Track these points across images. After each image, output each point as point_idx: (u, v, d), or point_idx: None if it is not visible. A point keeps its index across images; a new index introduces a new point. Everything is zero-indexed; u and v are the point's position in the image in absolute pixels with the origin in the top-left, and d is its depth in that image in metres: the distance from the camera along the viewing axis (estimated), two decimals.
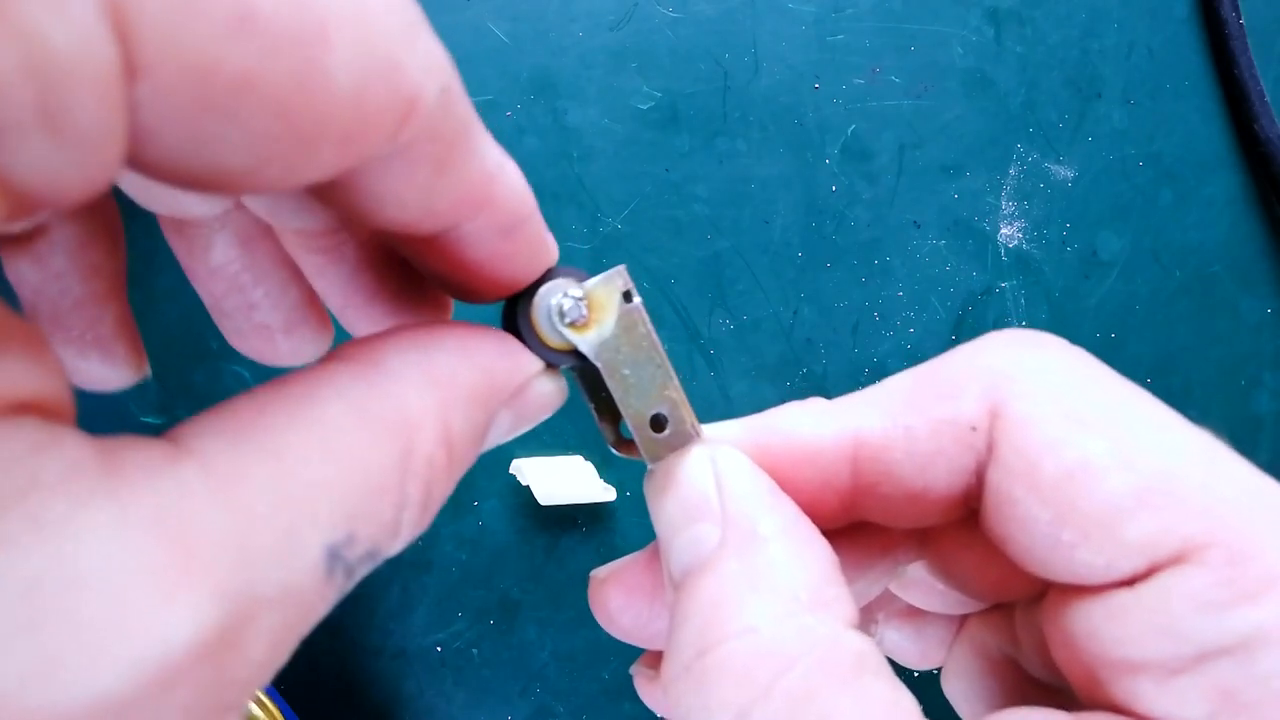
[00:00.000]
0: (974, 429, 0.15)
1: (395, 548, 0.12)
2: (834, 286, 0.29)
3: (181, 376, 0.27)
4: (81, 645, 0.08)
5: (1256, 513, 0.13)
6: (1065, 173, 0.30)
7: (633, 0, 0.28)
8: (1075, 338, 0.31)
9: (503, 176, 0.13)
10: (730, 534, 0.14)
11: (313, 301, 0.18)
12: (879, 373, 0.29)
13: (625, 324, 0.16)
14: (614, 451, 0.17)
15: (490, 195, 0.13)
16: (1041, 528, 0.14)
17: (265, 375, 0.27)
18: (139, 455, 0.09)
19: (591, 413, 0.17)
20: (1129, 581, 0.13)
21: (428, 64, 0.10)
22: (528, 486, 0.27)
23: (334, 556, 0.10)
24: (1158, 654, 0.13)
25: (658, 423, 0.16)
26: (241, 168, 0.09)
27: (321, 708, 0.27)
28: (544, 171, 0.28)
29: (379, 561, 0.12)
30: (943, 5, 0.30)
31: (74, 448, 0.08)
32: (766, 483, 0.15)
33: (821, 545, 0.15)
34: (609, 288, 0.16)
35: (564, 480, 0.27)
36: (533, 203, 0.14)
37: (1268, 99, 0.30)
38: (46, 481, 0.08)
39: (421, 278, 0.17)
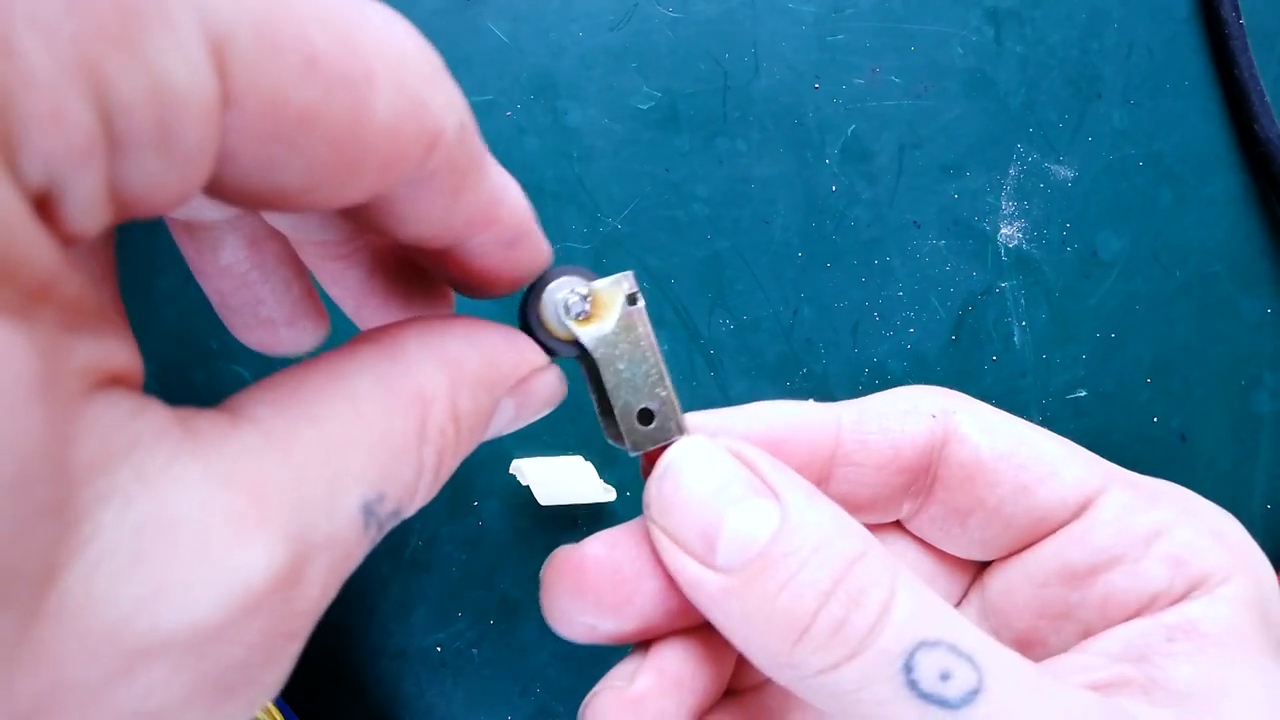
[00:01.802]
0: (934, 416, 0.20)
1: (412, 509, 0.13)
2: (834, 286, 0.29)
3: (182, 376, 0.27)
4: (182, 579, 0.09)
5: (1114, 466, 0.20)
6: (1065, 173, 0.30)
7: (633, 0, 0.28)
8: (1075, 338, 0.31)
9: (507, 197, 0.15)
10: (788, 508, 0.16)
11: (313, 295, 0.20)
12: (879, 372, 0.29)
13: (626, 324, 0.17)
14: (610, 443, 0.18)
15: (497, 214, 0.14)
16: (1004, 479, 0.19)
17: (265, 374, 0.27)
18: (208, 422, 0.10)
19: (594, 405, 0.18)
20: (1076, 514, 0.19)
21: (449, 103, 0.12)
22: (528, 486, 0.27)
23: (369, 511, 0.12)
24: (1120, 549, 0.18)
25: (645, 416, 0.18)
26: (297, 189, 0.11)
27: (322, 708, 0.27)
28: (544, 171, 0.28)
29: (399, 520, 0.13)
30: (943, 5, 0.30)
31: (159, 413, 0.10)
32: (777, 461, 0.18)
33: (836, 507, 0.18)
34: (615, 289, 0.17)
35: (564, 480, 0.27)
36: (532, 217, 0.15)
37: (1268, 99, 0.30)
38: (145, 441, 0.09)
39: (426, 276, 0.19)
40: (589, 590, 0.18)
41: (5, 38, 0.07)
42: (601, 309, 0.17)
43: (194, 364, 0.27)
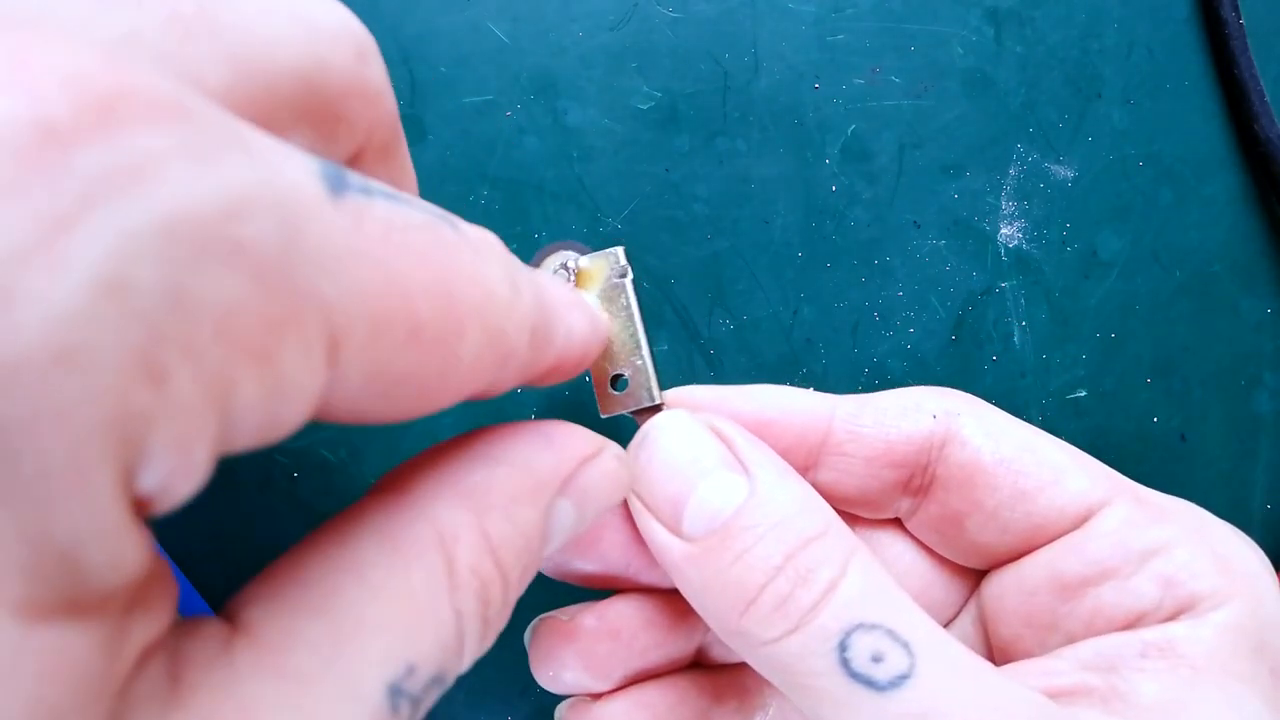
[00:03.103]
0: (935, 417, 0.20)
1: (463, 665, 0.12)
2: (834, 286, 0.29)
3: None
4: None
5: (1124, 479, 0.20)
6: (1065, 173, 0.30)
7: (632, 0, 0.28)
8: (1075, 338, 0.31)
9: (571, 345, 0.15)
10: (756, 484, 0.17)
11: None
12: (879, 372, 0.29)
13: (609, 294, 0.18)
14: (600, 415, 0.19)
15: (562, 366, 0.15)
16: (1004, 484, 0.19)
17: None
18: (200, 650, 0.10)
19: (590, 373, 0.20)
20: (1076, 525, 0.19)
21: (521, 320, 0.12)
22: None
23: (396, 693, 0.11)
24: (1114, 563, 0.18)
25: (618, 382, 0.19)
26: (379, 419, 0.11)
27: None
28: (544, 171, 0.28)
29: (448, 684, 0.12)
30: (943, 5, 0.30)
31: (157, 674, 0.09)
32: (755, 439, 0.18)
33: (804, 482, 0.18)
34: (602, 262, 0.18)
35: None
36: (593, 339, 0.16)
37: (1268, 99, 0.30)
38: (142, 703, 0.09)
39: None
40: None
41: (161, 371, 0.07)
42: (587, 280, 0.18)
43: None
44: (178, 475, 0.08)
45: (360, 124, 0.13)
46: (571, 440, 0.15)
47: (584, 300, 0.16)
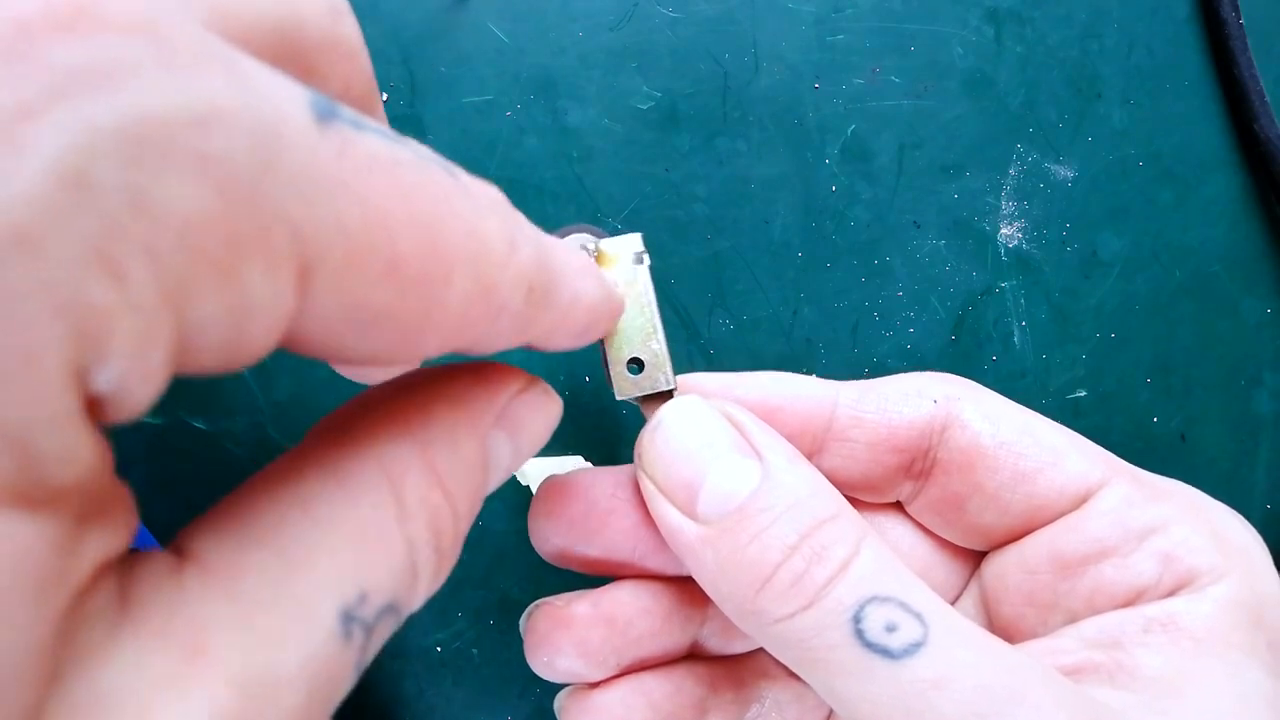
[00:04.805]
0: (935, 402, 0.20)
1: (420, 596, 0.12)
2: (834, 286, 0.29)
3: (180, 377, 0.27)
4: None
5: (1121, 460, 0.20)
6: (1065, 173, 0.30)
7: (633, 0, 0.28)
8: (1075, 338, 0.31)
9: (576, 310, 0.14)
10: (769, 468, 0.17)
11: None
12: (879, 372, 0.29)
13: (628, 279, 0.19)
14: (617, 399, 0.20)
15: (567, 326, 0.15)
16: (1004, 466, 0.19)
17: (264, 374, 0.27)
18: (148, 575, 0.10)
19: (602, 359, 0.20)
20: (1075, 506, 0.19)
21: (517, 277, 0.12)
22: (528, 487, 0.27)
23: (349, 619, 0.11)
24: (1113, 541, 0.18)
25: (635, 365, 0.19)
26: (361, 359, 0.11)
27: None
28: (544, 171, 0.28)
29: (404, 615, 0.12)
30: (943, 5, 0.30)
31: (111, 588, 0.09)
32: (766, 425, 0.18)
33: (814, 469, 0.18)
34: (621, 247, 0.19)
35: None
36: (603, 308, 0.16)
37: (1268, 99, 0.30)
38: (94, 618, 0.09)
39: None
40: (564, 513, 0.19)
41: (118, 268, 0.08)
42: (608, 263, 0.19)
43: None
44: (133, 378, 0.08)
45: (335, 79, 0.13)
46: (503, 376, 0.15)
47: (598, 270, 0.16)
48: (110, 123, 0.07)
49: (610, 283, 0.18)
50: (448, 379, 0.14)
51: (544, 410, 0.16)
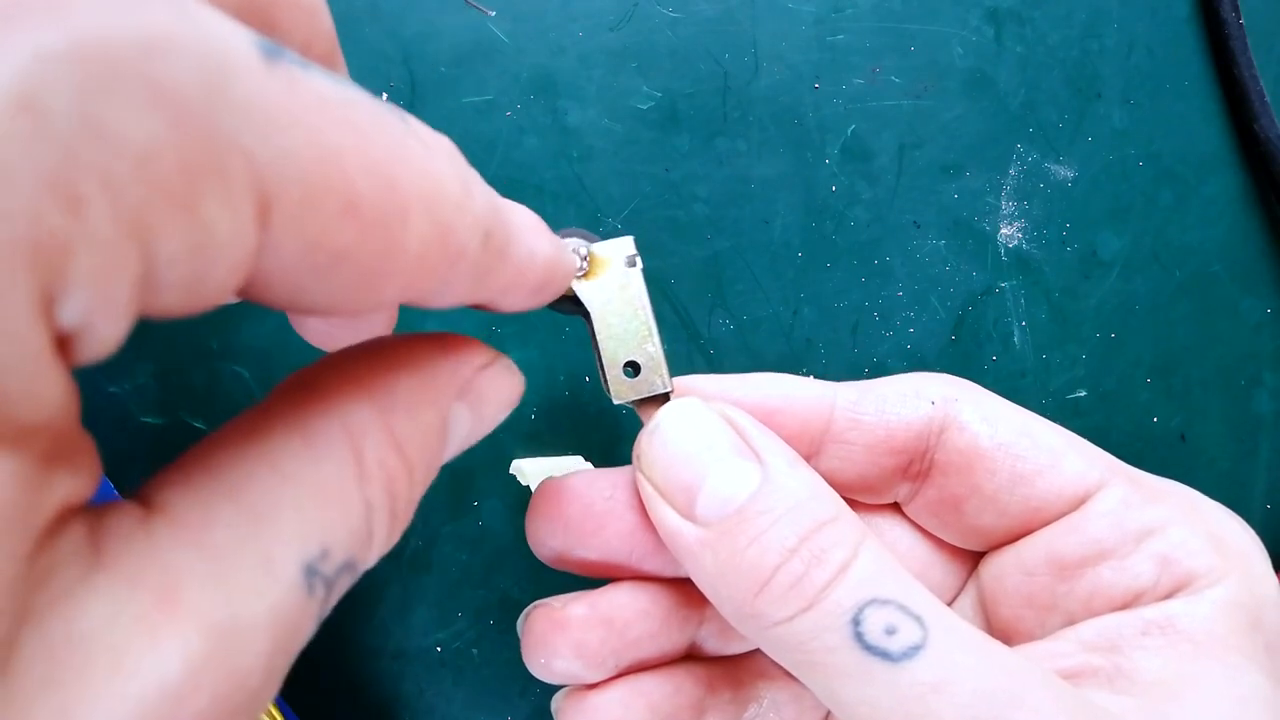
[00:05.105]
0: (933, 403, 0.20)
1: (373, 556, 0.13)
2: (834, 286, 0.29)
3: (181, 376, 0.27)
4: (90, 694, 0.09)
5: (1119, 461, 0.20)
6: (1065, 173, 0.30)
7: (633, 1, 0.28)
8: (1075, 338, 0.31)
9: (533, 264, 0.15)
10: (768, 471, 0.17)
11: None
12: (879, 372, 0.29)
13: (621, 282, 0.19)
14: (613, 403, 0.20)
15: (522, 282, 0.15)
16: (1002, 467, 0.19)
17: (264, 375, 0.27)
18: (117, 524, 0.10)
19: (596, 363, 0.20)
20: (1074, 507, 0.19)
21: (474, 222, 0.12)
22: (527, 487, 0.27)
23: (311, 572, 0.11)
24: (1111, 543, 0.18)
25: (631, 369, 0.19)
26: (322, 306, 0.11)
27: (321, 708, 0.27)
28: (544, 171, 0.28)
29: (359, 573, 0.12)
30: (943, 5, 0.30)
31: (80, 533, 0.10)
32: (765, 428, 0.18)
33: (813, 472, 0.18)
34: (615, 251, 0.19)
35: None
36: (557, 266, 0.16)
37: (1268, 99, 0.30)
38: (60, 562, 0.09)
39: None
40: (561, 516, 0.19)
41: (76, 197, 0.08)
42: (600, 267, 0.19)
43: (194, 364, 0.27)
44: (98, 313, 0.08)
45: (296, 35, 0.14)
46: (468, 350, 0.15)
47: (548, 229, 0.16)
48: (60, 48, 0.07)
49: (562, 245, 0.18)
50: (415, 347, 0.14)
51: (507, 386, 0.16)
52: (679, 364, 0.28)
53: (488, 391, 0.15)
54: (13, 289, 0.08)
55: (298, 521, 0.11)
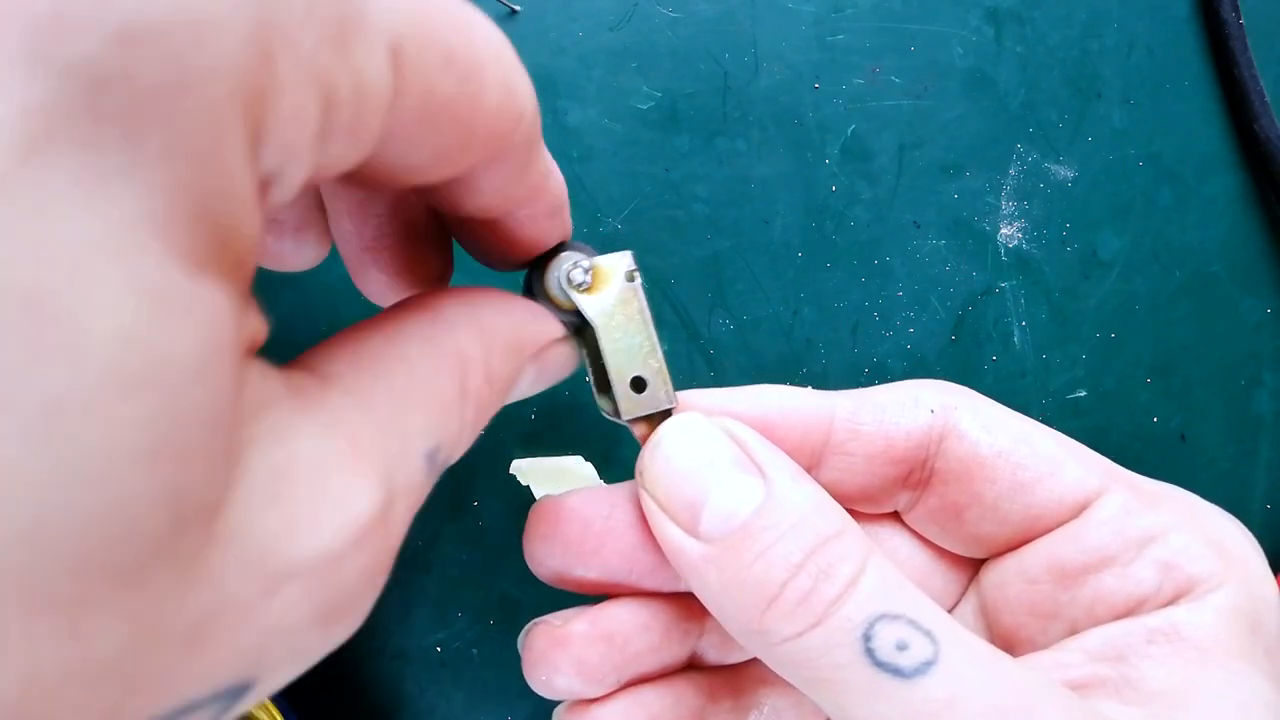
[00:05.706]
0: (933, 411, 0.20)
1: (456, 458, 0.15)
2: (834, 286, 0.29)
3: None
4: (309, 514, 0.10)
5: (1118, 467, 0.20)
6: (1065, 173, 0.30)
7: (632, 1, 0.28)
8: (1075, 338, 0.31)
9: (554, 172, 0.16)
10: (772, 486, 0.17)
11: (322, 208, 0.21)
12: (879, 372, 0.29)
13: (623, 297, 0.19)
14: (606, 417, 0.20)
15: (548, 187, 0.16)
16: (1002, 476, 0.19)
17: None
18: (305, 382, 0.12)
19: (590, 379, 0.20)
20: (1074, 514, 0.19)
21: (527, 90, 0.14)
22: (528, 486, 0.27)
23: (430, 459, 0.13)
24: (1113, 550, 0.18)
25: (637, 384, 0.19)
26: (421, 164, 0.13)
27: (321, 708, 0.27)
28: None
29: (447, 466, 0.15)
30: (943, 5, 0.30)
31: (277, 376, 0.11)
32: (767, 441, 0.19)
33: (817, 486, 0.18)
34: (615, 266, 0.19)
35: (564, 480, 0.27)
36: (566, 192, 0.18)
37: (1268, 99, 0.30)
38: (273, 400, 0.11)
39: (428, 249, 0.20)
40: (559, 536, 0.19)
41: (267, 52, 0.09)
42: (601, 283, 0.19)
43: None
44: (290, 157, 0.10)
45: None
46: (551, 323, 0.18)
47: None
48: None
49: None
50: (516, 306, 0.17)
51: (567, 363, 0.18)
52: (679, 364, 0.28)
53: (552, 361, 0.18)
54: (234, 133, 0.09)
55: (425, 415, 0.13)
